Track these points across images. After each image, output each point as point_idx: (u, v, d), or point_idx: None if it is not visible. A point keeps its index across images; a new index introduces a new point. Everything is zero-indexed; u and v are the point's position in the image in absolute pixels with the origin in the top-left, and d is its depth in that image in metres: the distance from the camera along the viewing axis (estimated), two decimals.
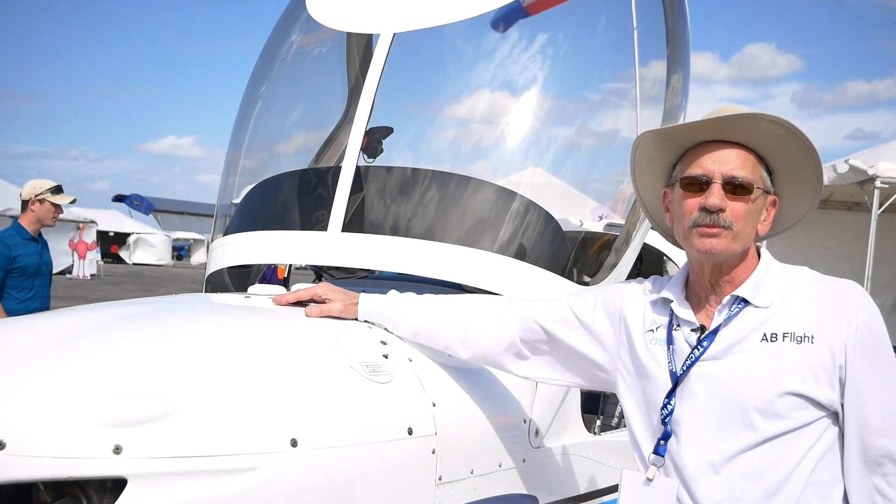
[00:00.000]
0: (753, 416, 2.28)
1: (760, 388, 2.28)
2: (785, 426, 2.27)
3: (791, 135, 2.34)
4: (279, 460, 2.15)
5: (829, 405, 2.28)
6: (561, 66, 3.97)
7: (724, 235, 2.32)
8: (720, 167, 2.33)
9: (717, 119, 2.34)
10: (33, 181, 7.52)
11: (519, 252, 3.31)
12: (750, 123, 2.32)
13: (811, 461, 2.30)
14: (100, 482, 2.00)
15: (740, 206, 2.32)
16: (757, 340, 2.31)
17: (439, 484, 2.59)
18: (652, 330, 2.50)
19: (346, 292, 2.88)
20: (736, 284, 2.39)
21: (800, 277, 2.41)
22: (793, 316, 2.32)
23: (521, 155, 3.76)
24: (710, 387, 2.33)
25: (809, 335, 2.28)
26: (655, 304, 2.53)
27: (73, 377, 2.06)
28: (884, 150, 13.72)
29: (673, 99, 4.01)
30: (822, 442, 2.31)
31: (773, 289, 2.37)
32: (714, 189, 2.32)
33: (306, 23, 3.83)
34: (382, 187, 3.41)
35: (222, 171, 4.07)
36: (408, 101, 4.58)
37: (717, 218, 2.31)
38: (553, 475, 3.20)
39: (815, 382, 2.26)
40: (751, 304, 2.36)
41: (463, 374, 2.83)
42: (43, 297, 7.50)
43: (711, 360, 2.35)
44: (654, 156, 2.51)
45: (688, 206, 2.36)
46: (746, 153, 2.36)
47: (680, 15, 4.19)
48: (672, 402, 2.39)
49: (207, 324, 2.72)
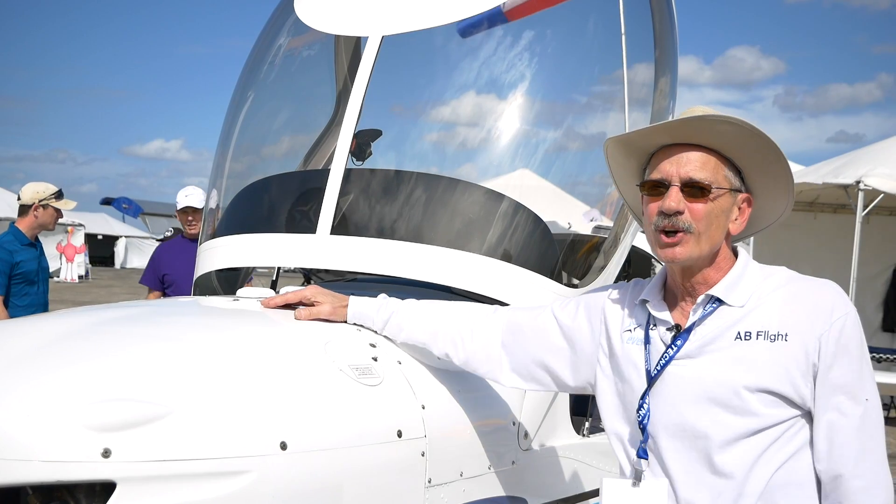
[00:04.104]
0: (727, 414, 2.30)
1: (734, 386, 2.29)
2: (758, 424, 2.29)
3: (749, 134, 2.34)
4: (269, 463, 2.15)
5: (801, 404, 2.30)
6: (549, 69, 3.98)
7: (685, 241, 2.33)
8: (678, 169, 2.35)
9: (671, 123, 2.36)
10: (34, 185, 7.32)
11: (507, 254, 3.31)
12: (705, 125, 2.33)
13: (787, 460, 2.31)
14: (88, 486, 1.99)
15: (699, 207, 2.33)
16: (731, 339, 2.33)
17: (429, 486, 2.59)
18: (630, 330, 2.52)
19: (335, 295, 2.88)
20: (710, 285, 2.40)
21: (777, 277, 2.42)
22: (768, 315, 2.33)
23: (509, 157, 3.76)
24: (684, 385, 2.35)
25: (783, 333, 2.29)
26: (634, 306, 2.55)
27: (61, 380, 2.06)
28: (867, 153, 13.82)
29: (661, 101, 4.02)
30: (797, 441, 2.32)
31: (749, 288, 2.38)
32: (672, 192, 2.34)
33: (294, 25, 3.83)
34: (371, 190, 3.41)
35: (210, 175, 4.06)
36: (396, 104, 4.59)
37: (675, 221, 2.33)
38: (542, 477, 3.21)
39: (788, 380, 2.28)
40: (725, 303, 2.37)
41: (452, 377, 2.83)
42: (44, 304, 7.35)
43: (686, 359, 2.37)
44: (623, 161, 2.53)
45: (650, 210, 2.39)
46: (708, 154, 2.37)
47: (667, 17, 4.20)
48: (647, 401, 2.40)
49: (196, 327, 2.72)
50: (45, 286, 7.44)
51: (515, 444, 3.01)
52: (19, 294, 7.10)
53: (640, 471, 2.40)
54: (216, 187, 3.96)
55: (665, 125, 2.37)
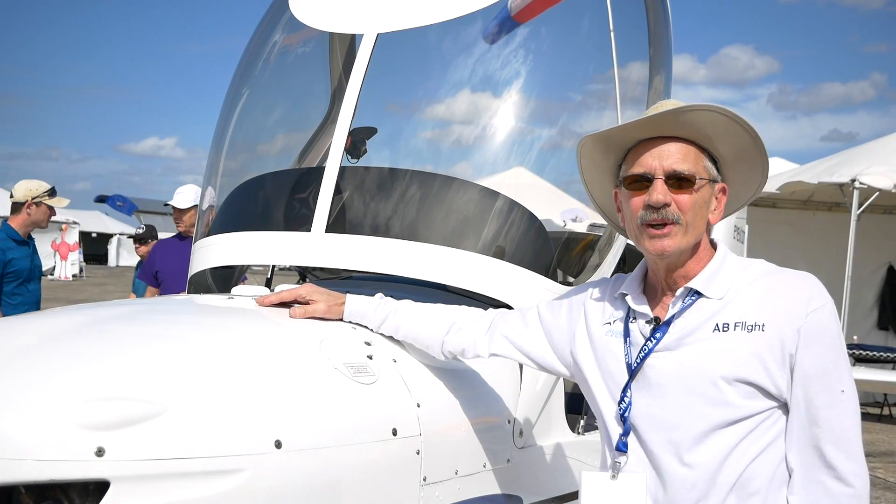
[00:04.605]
0: (704, 405, 2.32)
1: (711, 377, 2.31)
2: (734, 414, 2.31)
3: (728, 121, 2.36)
4: (263, 462, 2.15)
5: (778, 395, 2.32)
6: (545, 67, 3.98)
7: (674, 233, 2.35)
8: (661, 162, 2.37)
9: (651, 117, 2.37)
10: (27, 182, 7.27)
11: (502, 252, 3.31)
12: (683, 116, 2.35)
13: (765, 453, 2.34)
14: (82, 485, 1.99)
15: (685, 198, 2.35)
16: (709, 331, 2.35)
17: (424, 485, 2.59)
18: (609, 323, 2.55)
19: (330, 293, 2.87)
20: (689, 277, 2.42)
21: (755, 269, 2.44)
22: (746, 306, 2.35)
23: (504, 155, 3.76)
24: (664, 377, 2.38)
25: (760, 324, 2.31)
26: (615, 300, 2.57)
27: (54, 379, 2.05)
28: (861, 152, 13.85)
29: (655, 99, 4.02)
30: (772, 433, 2.34)
31: (728, 280, 2.40)
32: (657, 185, 2.35)
33: (289, 23, 3.82)
34: (366, 188, 3.41)
35: (205, 172, 4.06)
36: (391, 102, 4.58)
37: (664, 213, 2.34)
38: (537, 475, 3.21)
39: (764, 371, 2.30)
40: (704, 295, 2.39)
41: (447, 375, 2.83)
42: (36, 303, 7.31)
43: (665, 351, 2.39)
44: (598, 159, 2.55)
45: (634, 205, 2.40)
46: (687, 145, 2.39)
47: (662, 16, 4.21)
48: (628, 394, 2.43)
49: (191, 325, 2.71)
50: (38, 284, 7.41)
51: (510, 443, 3.01)
52: (11, 293, 7.05)
53: (618, 463, 2.43)
54: (210, 185, 3.95)
55: (647, 118, 2.38)
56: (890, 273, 15.64)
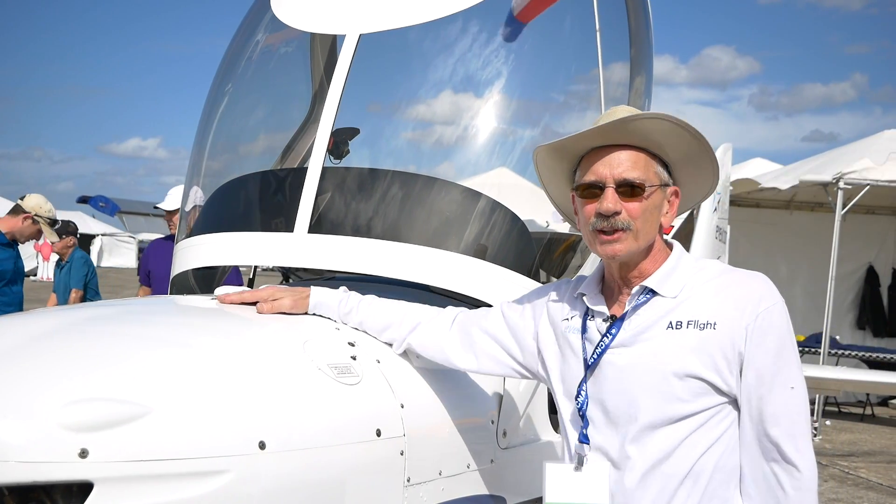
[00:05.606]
0: (657, 400, 2.38)
1: (664, 372, 2.38)
2: (685, 410, 2.37)
3: (674, 126, 2.42)
4: (247, 463, 2.14)
5: (728, 391, 2.39)
6: (527, 67, 3.99)
7: (624, 238, 2.41)
8: (611, 171, 2.43)
9: (601, 126, 2.42)
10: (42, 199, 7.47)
11: (485, 253, 3.32)
12: (632, 125, 2.40)
13: (715, 447, 2.40)
14: (65, 487, 1.97)
15: (635, 205, 2.41)
16: (663, 328, 2.41)
17: (408, 485, 2.60)
18: (567, 319, 2.61)
19: (294, 289, 2.91)
20: (644, 276, 2.49)
21: (710, 270, 2.51)
22: (699, 304, 2.41)
23: (487, 156, 3.77)
24: (619, 373, 2.44)
25: (713, 322, 2.37)
26: (575, 299, 2.64)
27: (38, 380, 2.04)
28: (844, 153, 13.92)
29: (636, 100, 4.04)
30: (721, 427, 2.40)
31: (682, 280, 2.46)
32: (608, 194, 2.41)
33: (271, 23, 3.82)
34: (349, 189, 3.41)
35: (187, 173, 4.04)
36: (373, 103, 4.58)
37: (614, 221, 2.41)
38: (521, 475, 3.21)
39: (714, 368, 2.36)
40: (658, 294, 2.45)
41: (431, 376, 2.84)
42: (19, 304, 7.29)
43: (620, 348, 2.45)
44: (554, 165, 2.61)
45: (587, 212, 2.47)
46: (637, 152, 2.45)
47: (643, 16, 4.23)
48: (584, 389, 2.49)
49: (174, 326, 2.70)
50: (21, 287, 7.38)
51: (494, 443, 3.02)
52: None
53: (581, 455, 2.48)
54: (192, 186, 3.94)
55: (598, 128, 2.43)
56: (870, 273, 15.74)
